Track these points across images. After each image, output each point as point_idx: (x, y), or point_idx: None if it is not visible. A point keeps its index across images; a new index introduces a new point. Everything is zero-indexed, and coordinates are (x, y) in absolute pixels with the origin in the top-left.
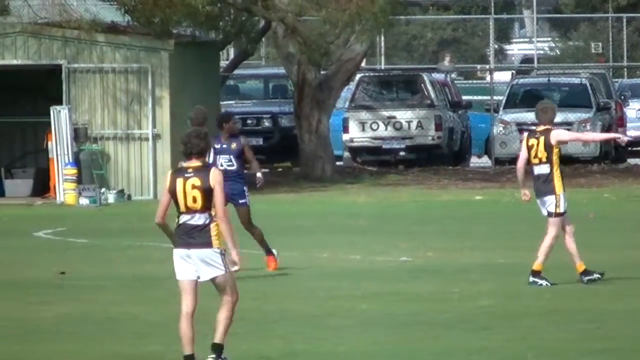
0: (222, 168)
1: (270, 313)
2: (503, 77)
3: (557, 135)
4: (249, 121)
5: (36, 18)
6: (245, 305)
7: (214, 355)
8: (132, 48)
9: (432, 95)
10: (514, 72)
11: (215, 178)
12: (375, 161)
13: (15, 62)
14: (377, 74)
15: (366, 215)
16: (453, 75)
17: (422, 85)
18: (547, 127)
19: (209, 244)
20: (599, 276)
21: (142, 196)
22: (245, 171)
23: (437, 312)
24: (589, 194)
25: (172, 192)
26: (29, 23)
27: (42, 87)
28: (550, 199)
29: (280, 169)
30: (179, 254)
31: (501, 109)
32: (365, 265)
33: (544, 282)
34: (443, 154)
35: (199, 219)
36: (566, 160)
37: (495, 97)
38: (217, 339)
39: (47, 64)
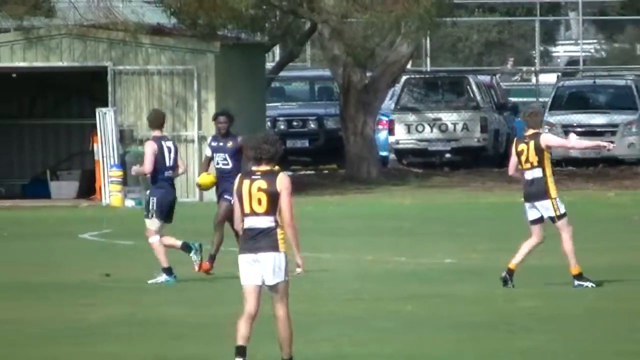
0: (217, 166)
1: (317, 315)
2: (548, 79)
3: (547, 139)
4: (294, 123)
5: (82, 20)
6: (294, 307)
7: None
8: (178, 50)
9: (478, 97)
10: (559, 74)
11: (282, 183)
12: (421, 163)
13: (61, 64)
14: (422, 75)
15: (411, 217)
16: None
17: (468, 87)
18: (536, 131)
19: (275, 248)
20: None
21: (187, 198)
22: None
23: (481, 314)
24: (634, 195)
25: (239, 194)
26: (74, 25)
27: (87, 89)
28: (546, 204)
29: (325, 171)
30: (245, 259)
31: (547, 111)
32: (410, 267)
33: (588, 284)
34: (488, 156)
35: (264, 222)
36: (612, 162)
37: (540, 99)
38: (285, 354)
39: (93, 66)
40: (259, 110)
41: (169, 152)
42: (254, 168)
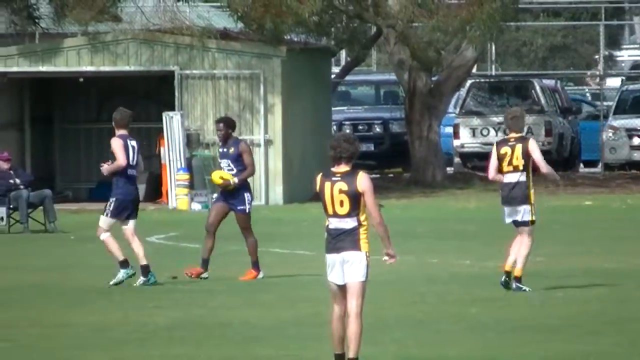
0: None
1: (384, 318)
2: (613, 83)
3: (533, 148)
4: (360, 127)
5: (148, 25)
6: None
7: None
8: (245, 54)
9: (542, 101)
10: (623, 78)
11: (363, 183)
12: (486, 167)
13: (127, 68)
14: (487, 80)
15: (476, 220)
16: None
17: (533, 91)
18: (521, 135)
19: (357, 248)
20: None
21: (254, 202)
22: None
23: (545, 317)
24: None
25: (321, 196)
26: (141, 30)
27: (154, 93)
28: (525, 208)
29: (391, 175)
30: (330, 259)
31: (611, 115)
32: (474, 270)
33: (526, 288)
34: (553, 160)
35: (347, 223)
36: None
37: (605, 103)
38: (352, 353)
39: (160, 70)
40: (325, 114)
41: (133, 150)
42: (333, 169)
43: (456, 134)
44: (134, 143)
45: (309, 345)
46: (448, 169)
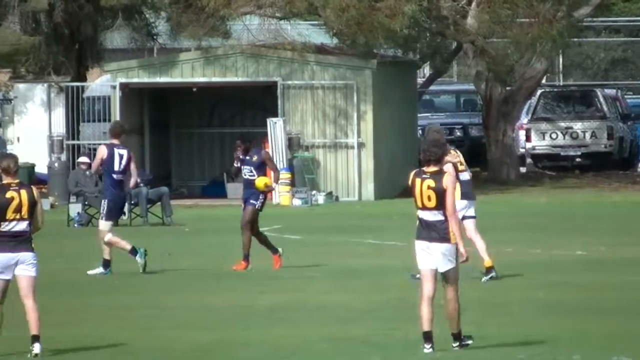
0: (245, 177)
1: (464, 302)
2: None
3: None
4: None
5: (254, 41)
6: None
7: (457, 343)
8: (339, 67)
9: (605, 108)
10: None
11: (447, 181)
12: (554, 167)
13: (235, 79)
14: (556, 89)
15: (546, 214)
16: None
17: (596, 99)
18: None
19: (447, 239)
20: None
21: (348, 197)
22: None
23: (607, 300)
24: None
25: (412, 190)
26: (248, 45)
27: (259, 101)
28: (474, 204)
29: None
30: (420, 245)
31: None
32: (544, 258)
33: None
34: (614, 160)
35: (435, 216)
36: None
37: None
38: (454, 329)
39: (264, 81)
40: (411, 120)
41: (120, 158)
42: (424, 168)
43: (528, 138)
44: (122, 152)
45: (397, 326)
46: (521, 168)
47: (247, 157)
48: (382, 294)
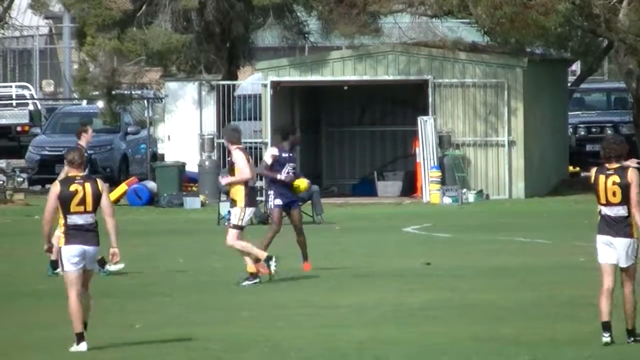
0: (287, 174)
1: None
2: None
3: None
4: (593, 129)
5: (405, 38)
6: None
7: (632, 338)
8: (490, 65)
9: None
10: None
11: (631, 177)
12: None
13: (386, 77)
14: None
15: None
16: None
17: None
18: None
19: (628, 235)
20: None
21: (498, 196)
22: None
23: None
24: None
25: (595, 186)
26: (398, 42)
27: (410, 99)
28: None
29: None
30: (603, 240)
31: None
32: None
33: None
34: None
35: (618, 211)
36: None
37: None
38: (630, 325)
39: (415, 79)
40: (562, 118)
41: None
42: (607, 165)
43: None
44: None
45: (546, 325)
46: None
47: (290, 155)
48: (532, 293)
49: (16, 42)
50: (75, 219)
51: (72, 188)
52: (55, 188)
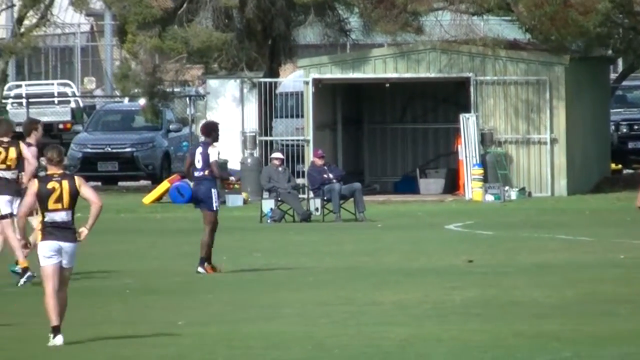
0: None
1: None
2: None
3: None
4: (635, 127)
5: (446, 36)
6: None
7: None
8: (531, 63)
9: None
10: None
11: None
12: None
13: (427, 75)
14: None
15: None
16: None
17: None
18: None
19: None
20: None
21: (540, 193)
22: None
23: None
24: None
25: None
26: (439, 40)
27: (452, 97)
28: None
29: None
30: None
31: None
32: None
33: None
34: None
35: None
36: None
37: None
38: None
39: (456, 76)
40: (603, 116)
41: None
42: None
43: None
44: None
45: (588, 321)
46: None
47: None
48: (574, 290)
49: (58, 39)
50: (52, 216)
51: (50, 185)
52: (33, 185)
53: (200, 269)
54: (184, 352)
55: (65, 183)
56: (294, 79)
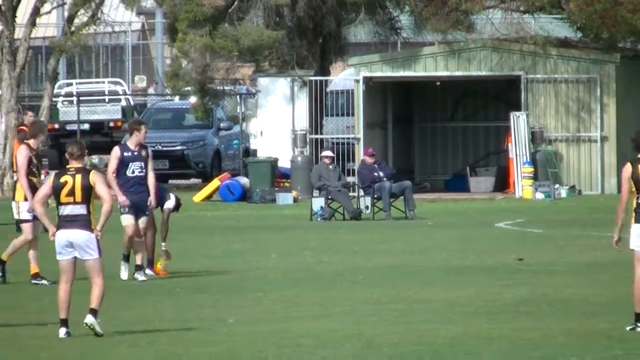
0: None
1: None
2: None
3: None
4: None
5: (497, 34)
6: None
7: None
8: (582, 61)
9: None
10: None
11: None
12: None
13: (478, 73)
14: None
15: None
16: None
17: None
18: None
19: None
20: None
21: (591, 191)
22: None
23: None
24: None
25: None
26: (490, 38)
27: (502, 95)
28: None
29: None
30: (636, 229)
31: None
32: None
33: (44, 282)
34: None
35: None
36: None
37: None
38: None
39: (507, 75)
40: None
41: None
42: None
43: None
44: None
45: None
46: None
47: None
48: (624, 288)
49: (109, 37)
50: (64, 210)
51: (63, 179)
52: (50, 178)
53: (147, 272)
54: (234, 350)
55: (78, 177)
56: (345, 77)
